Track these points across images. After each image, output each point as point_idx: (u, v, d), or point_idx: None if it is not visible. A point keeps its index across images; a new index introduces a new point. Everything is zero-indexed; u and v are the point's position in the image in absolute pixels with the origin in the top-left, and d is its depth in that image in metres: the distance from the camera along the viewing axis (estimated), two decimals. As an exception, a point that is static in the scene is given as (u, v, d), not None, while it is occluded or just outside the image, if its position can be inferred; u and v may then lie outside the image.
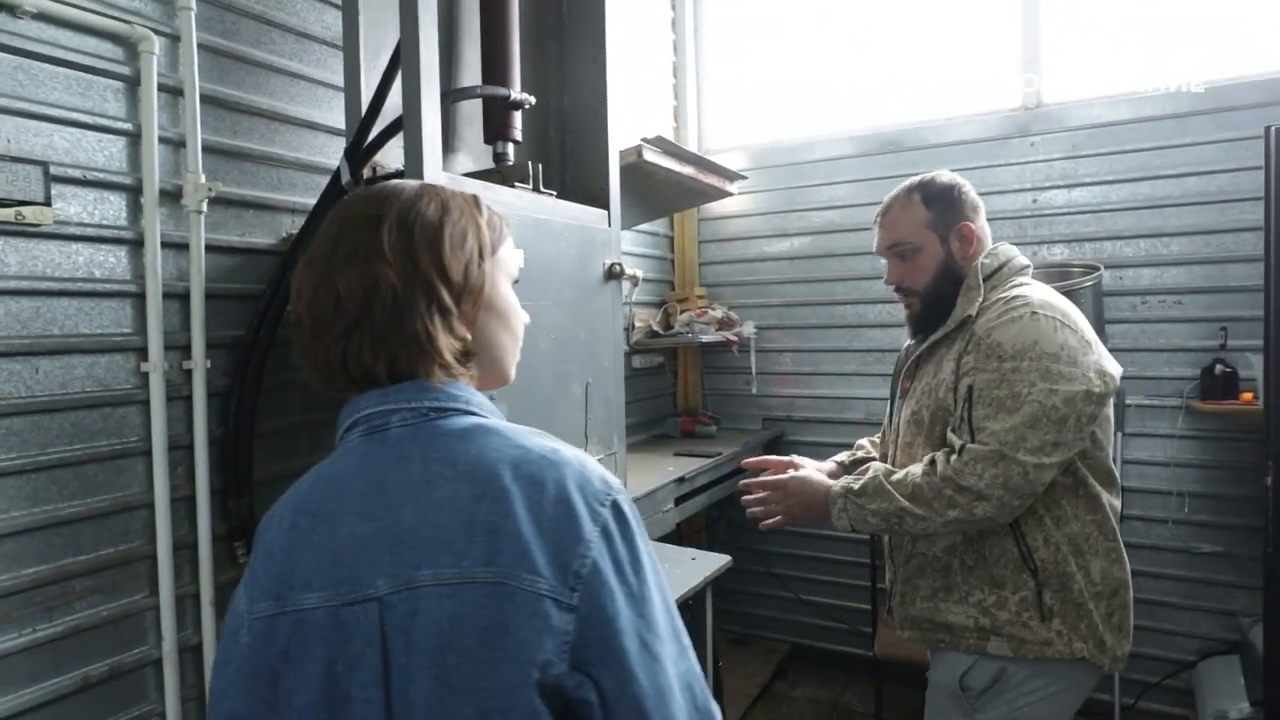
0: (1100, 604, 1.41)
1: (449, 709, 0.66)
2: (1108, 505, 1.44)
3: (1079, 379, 1.34)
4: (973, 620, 1.44)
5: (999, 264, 1.53)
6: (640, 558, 0.73)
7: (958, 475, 1.34)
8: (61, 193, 1.39)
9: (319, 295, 0.75)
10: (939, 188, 1.57)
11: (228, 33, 1.66)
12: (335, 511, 0.73)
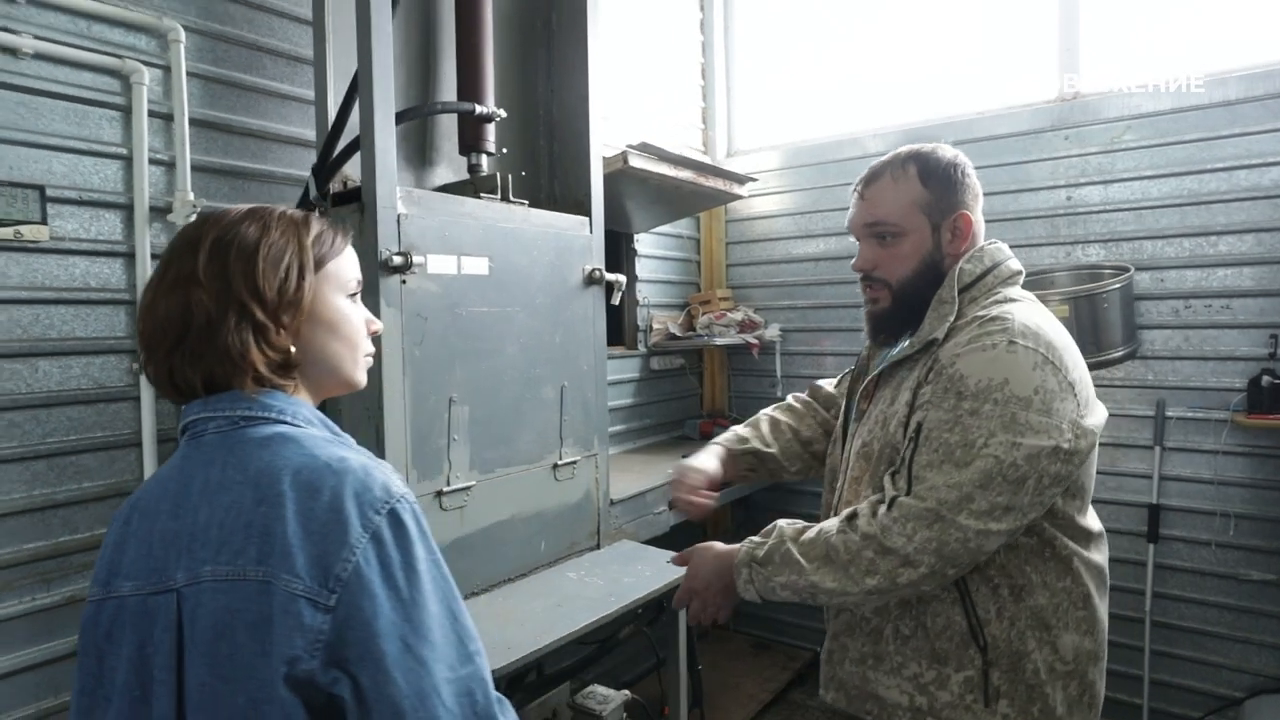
0: (1062, 684, 1.21)
1: (222, 697, 0.73)
2: (1082, 567, 1.22)
3: (1050, 432, 1.10)
4: (907, 698, 1.24)
5: (982, 270, 1.27)
6: (415, 564, 0.78)
7: (883, 534, 1.12)
8: (60, 212, 1.56)
9: (147, 318, 0.84)
10: (941, 164, 1.30)
11: (219, 60, 1.81)
12: (154, 509, 0.82)
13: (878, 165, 1.35)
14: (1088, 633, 1.23)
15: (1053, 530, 1.20)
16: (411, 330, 1.67)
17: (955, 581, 1.19)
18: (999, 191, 2.94)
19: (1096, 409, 1.22)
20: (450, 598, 0.81)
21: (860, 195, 1.36)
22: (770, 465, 1.64)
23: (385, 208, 1.61)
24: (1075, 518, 1.23)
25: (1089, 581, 1.23)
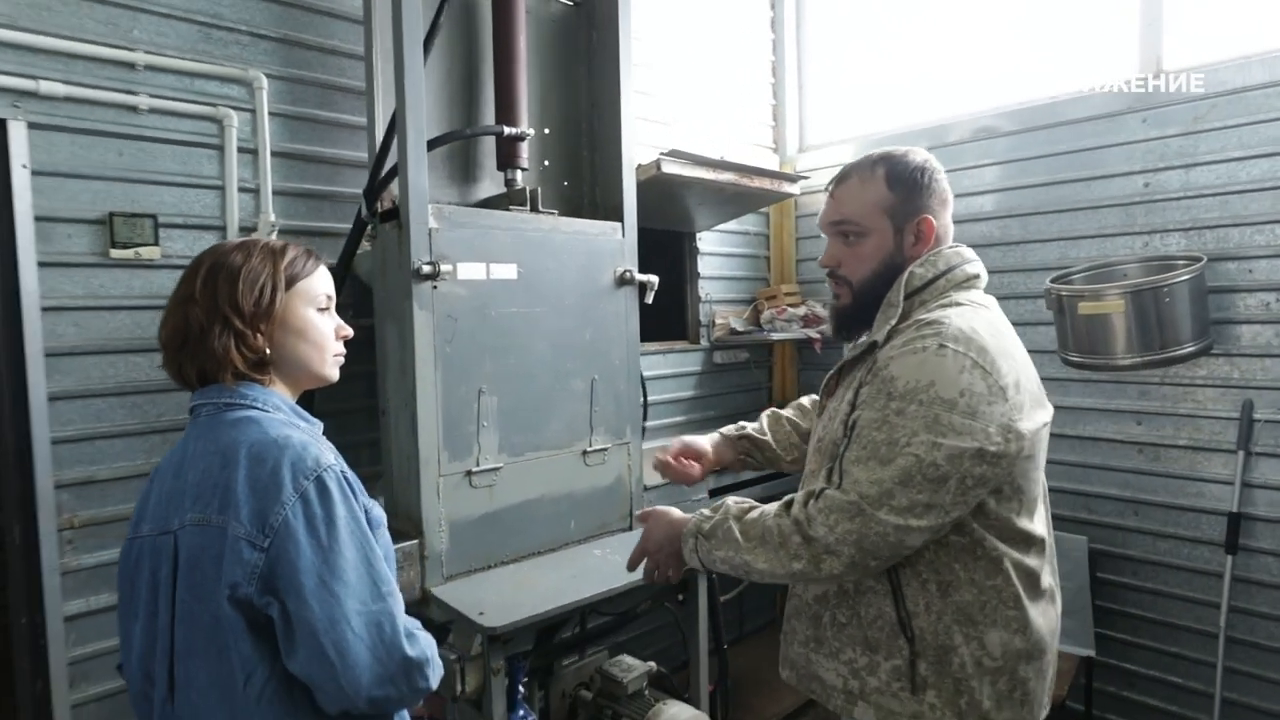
0: (990, 679, 1.23)
1: (195, 613, 0.98)
2: (1013, 568, 1.23)
3: (974, 434, 1.13)
4: (841, 680, 1.31)
5: (935, 274, 1.30)
6: (335, 520, 0.99)
7: (809, 523, 1.18)
8: (169, 235, 1.93)
9: (163, 328, 1.10)
10: (907, 166, 1.33)
11: (295, 100, 2.14)
12: (166, 472, 1.08)
13: (849, 165, 1.40)
14: (1018, 631, 1.24)
15: (982, 530, 1.22)
16: (442, 329, 1.92)
17: (888, 574, 1.25)
18: (1069, 180, 2.81)
19: (1037, 413, 1.23)
20: (367, 548, 1.02)
21: (830, 194, 1.40)
22: (766, 453, 1.73)
23: (417, 224, 1.86)
24: (1012, 520, 1.24)
25: (1019, 583, 1.24)
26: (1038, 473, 1.27)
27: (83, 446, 1.83)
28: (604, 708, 2.21)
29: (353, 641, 0.96)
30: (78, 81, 1.78)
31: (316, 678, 0.96)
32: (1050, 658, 1.31)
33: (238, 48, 2.03)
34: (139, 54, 1.86)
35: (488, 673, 1.72)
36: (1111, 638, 2.77)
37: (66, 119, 1.78)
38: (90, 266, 1.83)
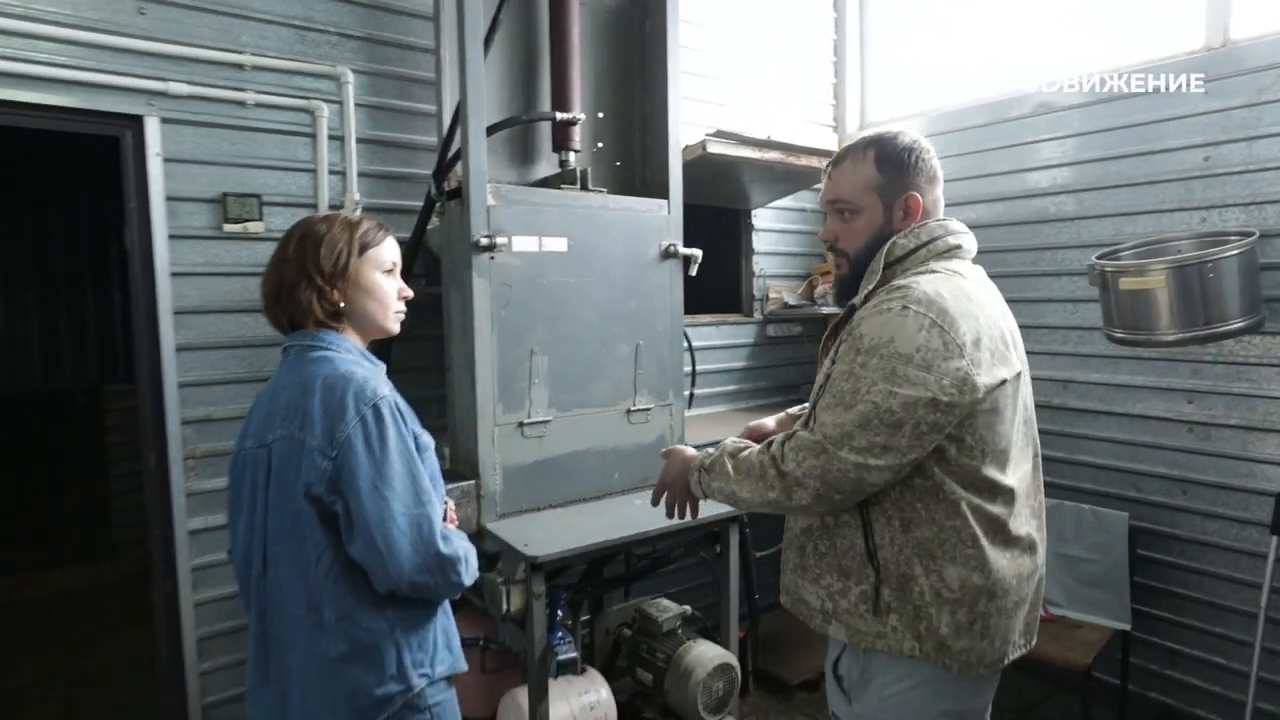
0: (949, 609, 1.34)
1: (281, 507, 1.25)
2: (970, 512, 1.34)
3: (927, 385, 1.25)
4: (819, 602, 1.45)
5: (916, 245, 1.41)
6: (386, 439, 1.23)
7: (781, 459, 1.33)
8: (271, 211, 2.25)
9: (263, 284, 1.38)
10: (896, 148, 1.44)
11: (378, 92, 2.41)
12: (263, 398, 1.35)
13: (845, 148, 1.52)
14: (976, 569, 1.34)
15: (943, 475, 1.33)
16: (498, 296, 2.16)
17: (860, 510, 1.39)
18: (1126, 155, 2.78)
19: (998, 369, 1.32)
20: (412, 464, 1.26)
21: (829, 175, 1.51)
22: None
23: (477, 201, 2.10)
24: (975, 468, 1.34)
25: (977, 526, 1.34)
26: (1005, 427, 1.36)
27: (202, 390, 2.18)
28: (640, 643, 2.44)
29: (397, 536, 1.21)
30: (198, 82, 2.11)
31: (369, 562, 1.22)
32: (1018, 600, 1.40)
33: (328, 47, 2.32)
34: (247, 56, 2.17)
35: (529, 596, 1.97)
36: (1156, 616, 2.77)
37: (190, 114, 2.11)
38: (208, 239, 2.17)
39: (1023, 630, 1.46)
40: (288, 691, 1.27)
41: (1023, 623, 1.46)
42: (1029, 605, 1.46)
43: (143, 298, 2.12)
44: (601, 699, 2.26)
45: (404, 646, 1.29)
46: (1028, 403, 1.49)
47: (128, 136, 2.05)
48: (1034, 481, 1.49)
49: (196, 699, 2.23)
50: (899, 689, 1.39)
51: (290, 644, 1.26)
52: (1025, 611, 1.45)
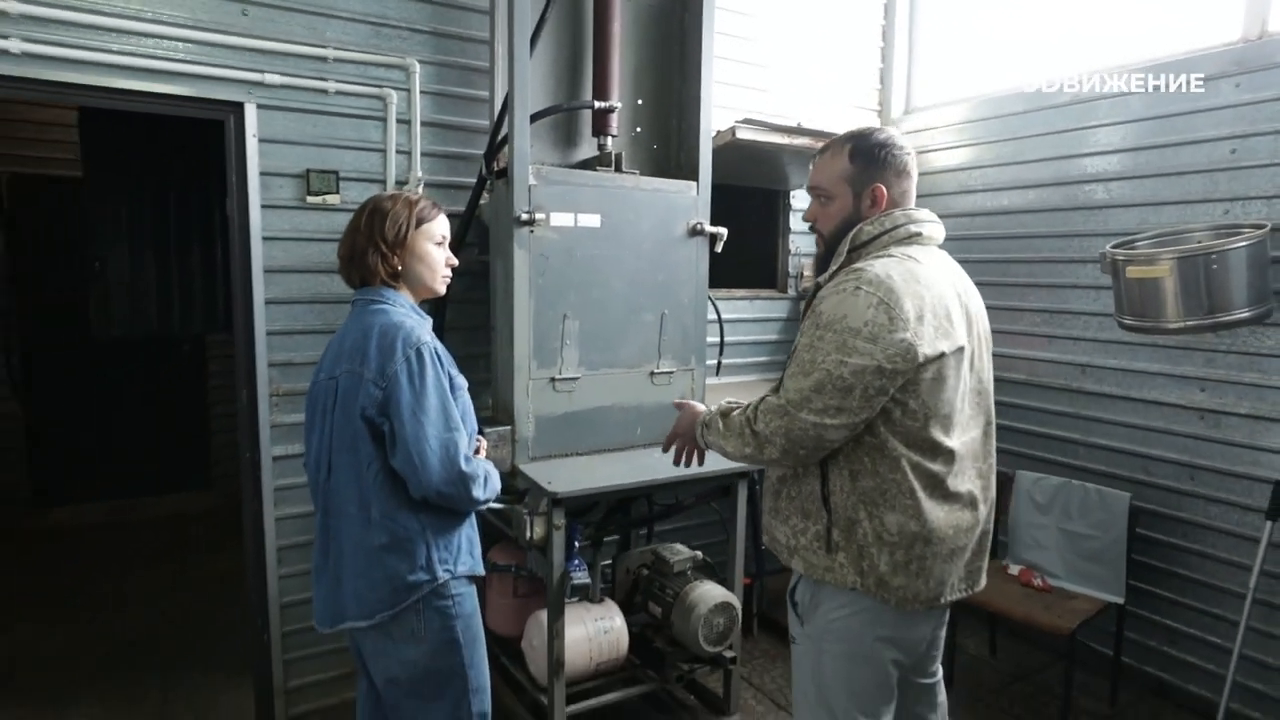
0: (888, 551, 1.54)
1: (343, 427, 1.57)
2: (910, 468, 1.53)
3: (873, 355, 1.44)
4: (785, 539, 1.67)
5: (879, 231, 1.59)
6: (425, 376, 1.53)
7: (754, 420, 1.56)
8: (347, 186, 2.59)
9: (340, 249, 1.69)
10: (868, 144, 1.62)
11: (441, 80, 2.71)
12: (334, 341, 1.67)
13: (829, 141, 1.72)
14: (913, 517, 1.54)
15: (888, 434, 1.53)
16: (536, 265, 2.44)
17: (820, 463, 1.62)
18: (1151, 146, 2.83)
19: (939, 342, 1.50)
20: (445, 399, 1.55)
21: (814, 163, 1.71)
22: None
23: (520, 181, 2.38)
24: (920, 430, 1.53)
25: (915, 480, 1.53)
26: (949, 395, 1.54)
27: (286, 338, 2.56)
28: (654, 581, 2.72)
29: (429, 453, 1.51)
30: (289, 73, 2.45)
31: (406, 472, 1.53)
32: (954, 548, 1.59)
33: (399, 40, 2.63)
34: (330, 50, 2.50)
35: (550, 527, 2.27)
36: (1157, 594, 2.88)
37: (281, 101, 2.46)
38: (293, 209, 2.52)
39: (963, 576, 1.66)
40: (341, 574, 1.61)
41: (963, 569, 1.65)
42: (970, 554, 1.66)
43: (240, 258, 2.50)
44: (615, 626, 2.56)
45: (433, 545, 1.60)
46: (982, 376, 1.67)
47: (230, 120, 2.42)
48: (983, 447, 1.68)
49: (275, 599, 2.64)
50: (841, 615, 1.62)
51: (345, 535, 1.59)
52: (966, 560, 1.65)
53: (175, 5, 2.30)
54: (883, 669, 1.63)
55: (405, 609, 1.58)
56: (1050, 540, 2.96)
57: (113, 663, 3.10)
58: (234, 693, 2.86)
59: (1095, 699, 2.90)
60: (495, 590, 2.72)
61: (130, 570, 4.05)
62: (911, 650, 1.67)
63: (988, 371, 1.69)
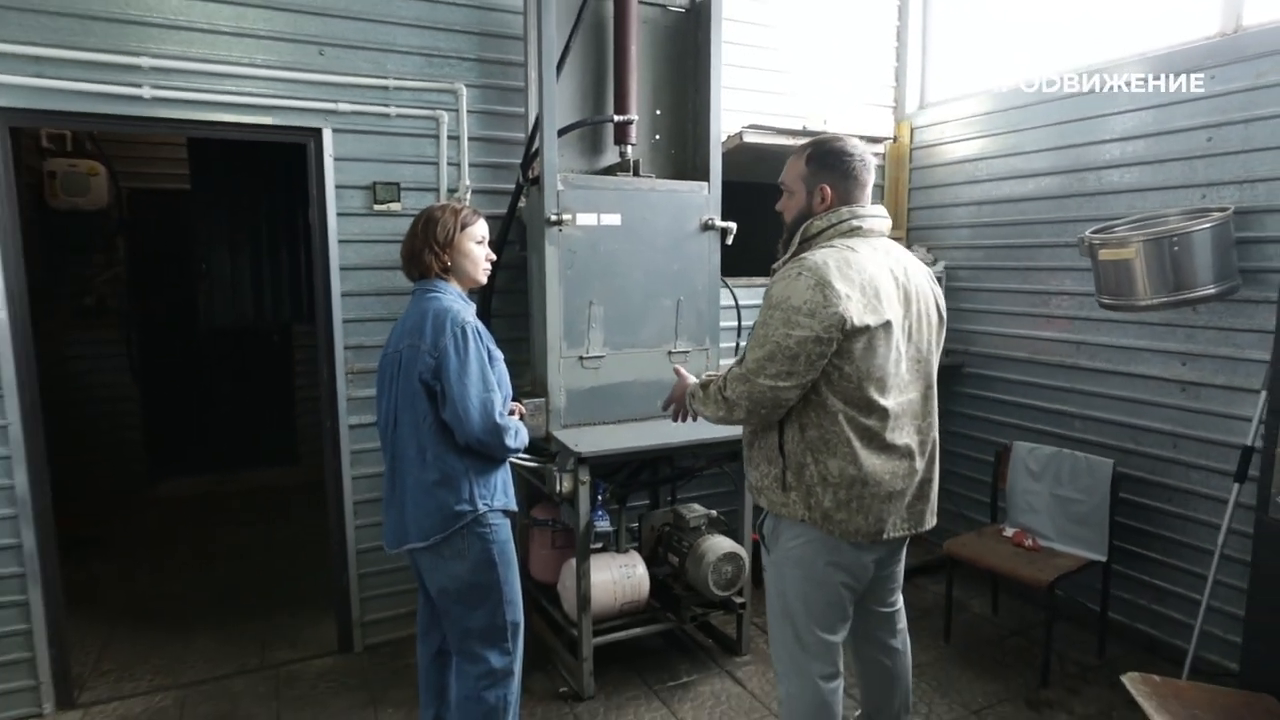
0: (832, 491, 1.85)
1: (404, 388, 2.00)
2: (846, 422, 1.83)
3: (811, 327, 1.73)
4: (755, 482, 2.01)
5: (826, 225, 1.88)
6: (468, 349, 1.94)
7: (724, 388, 1.90)
8: (407, 195, 3.04)
9: (403, 250, 2.12)
10: (823, 150, 1.93)
11: (486, 100, 3.14)
12: (399, 322, 2.10)
13: (799, 146, 2.04)
14: (851, 463, 1.84)
15: (828, 393, 1.84)
16: (565, 259, 2.84)
17: (781, 420, 1.96)
18: (1135, 136, 3.02)
19: (867, 316, 1.78)
20: (484, 367, 1.96)
21: (786, 163, 2.02)
22: None
23: (549, 187, 2.78)
24: (855, 390, 1.82)
25: (851, 432, 1.84)
26: (880, 361, 1.82)
27: (358, 325, 3.03)
28: (673, 535, 3.10)
29: (471, 409, 1.93)
30: (358, 101, 2.91)
31: (453, 423, 1.95)
32: (892, 491, 1.89)
33: (448, 68, 3.06)
34: (390, 80, 2.95)
35: (577, 482, 2.67)
36: (1145, 556, 3.08)
37: (351, 125, 2.93)
38: (362, 215, 2.99)
39: (905, 517, 1.95)
40: (405, 505, 2.04)
41: (905, 511, 1.94)
42: (910, 498, 1.95)
43: (320, 257, 2.98)
44: (637, 572, 2.95)
45: (474, 483, 2.02)
46: (921, 346, 1.96)
47: (312, 143, 2.90)
48: (922, 407, 1.97)
49: (353, 546, 3.13)
50: (797, 544, 1.95)
51: (407, 474, 2.03)
52: (906, 503, 1.94)
53: (266, 50, 2.79)
54: (834, 590, 1.96)
55: (452, 533, 2.00)
56: (1042, 505, 3.19)
57: (221, 602, 3.67)
58: (319, 626, 3.37)
59: (1084, 651, 3.12)
60: (536, 543, 3.15)
61: (230, 531, 4.68)
62: (860, 575, 1.99)
63: (927, 343, 1.98)
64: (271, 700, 2.86)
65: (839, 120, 3.91)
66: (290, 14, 2.81)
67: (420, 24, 2.99)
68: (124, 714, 2.78)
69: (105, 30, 2.58)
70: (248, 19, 2.75)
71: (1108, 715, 2.69)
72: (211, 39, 2.72)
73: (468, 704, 2.09)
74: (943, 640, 3.24)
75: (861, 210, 1.94)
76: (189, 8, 2.68)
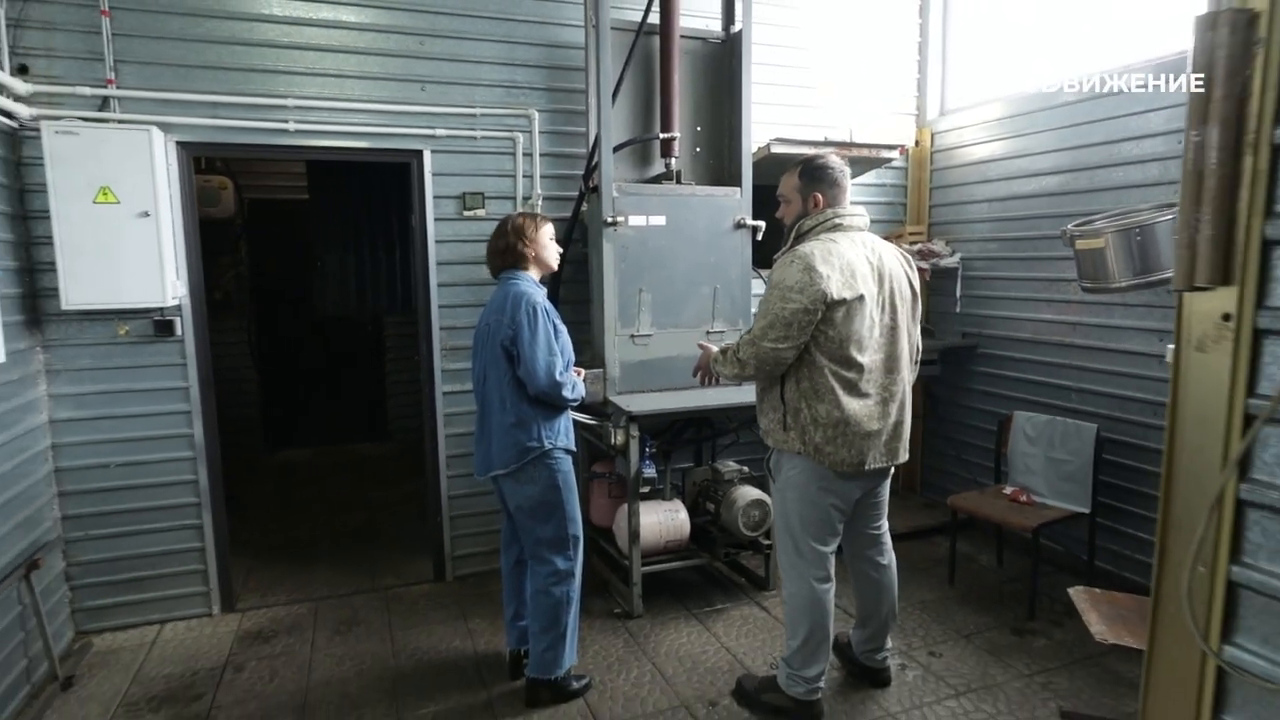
0: (821, 429, 2.37)
1: (491, 350, 2.63)
2: (831, 375, 2.35)
3: (800, 301, 2.27)
4: (764, 425, 2.55)
5: (814, 224, 2.42)
6: (537, 321, 2.55)
7: (738, 351, 2.45)
8: (491, 202, 3.69)
9: (489, 247, 2.75)
10: (812, 167, 2.47)
11: (554, 122, 3.76)
12: (489, 303, 2.74)
13: (792, 163, 2.59)
14: (835, 407, 2.37)
15: (815, 352, 2.38)
16: (619, 254, 3.44)
17: (782, 375, 2.49)
18: (1123, 139, 3.42)
19: (844, 291, 2.30)
20: (550, 337, 2.56)
21: (781, 179, 2.60)
22: None
23: (606, 194, 3.38)
24: (837, 349, 2.35)
25: (835, 383, 2.36)
26: (857, 326, 2.33)
27: (450, 310, 3.70)
28: (710, 486, 3.66)
29: (538, 368, 2.53)
30: (451, 127, 3.58)
31: (525, 379, 2.56)
32: (869, 430, 2.40)
33: (523, 96, 3.70)
34: (477, 109, 3.61)
35: (629, 436, 3.26)
36: (1133, 512, 3.48)
37: (446, 147, 3.59)
38: (454, 220, 3.66)
39: (883, 452, 2.47)
40: (490, 442, 2.67)
41: (883, 447, 2.47)
42: (887, 437, 2.47)
43: (420, 255, 3.66)
44: (679, 516, 3.53)
45: (542, 425, 2.63)
46: (893, 316, 2.47)
47: (414, 163, 3.58)
48: (894, 365, 2.47)
49: (445, 493, 3.81)
50: (794, 472, 2.50)
51: (492, 417, 2.65)
52: (884, 441, 2.46)
53: (381, 89, 3.48)
54: (824, 510, 2.50)
55: (525, 463, 2.62)
56: (1038, 466, 3.62)
57: (336, 543, 4.43)
58: (417, 561, 4.07)
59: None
60: (595, 494, 3.75)
61: (337, 491, 5.47)
62: (846, 498, 2.51)
63: (902, 314, 2.49)
64: (384, 612, 3.56)
65: (864, 129, 4.39)
66: (401, 59, 3.49)
67: (501, 62, 3.64)
68: (272, 617, 3.53)
69: (261, 79, 3.31)
70: (367, 65, 3.45)
71: (1081, 643, 3.11)
72: (339, 82, 3.42)
73: (539, 597, 2.71)
74: (948, 584, 3.70)
75: (843, 211, 2.48)
76: (323, 59, 3.39)
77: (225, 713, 2.76)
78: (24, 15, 2.97)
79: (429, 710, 2.76)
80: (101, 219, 2.98)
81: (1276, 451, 1.17)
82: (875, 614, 2.75)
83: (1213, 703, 1.27)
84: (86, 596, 3.31)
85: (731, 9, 3.76)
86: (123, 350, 3.26)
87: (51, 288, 3.05)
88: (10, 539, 2.77)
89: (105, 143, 2.96)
